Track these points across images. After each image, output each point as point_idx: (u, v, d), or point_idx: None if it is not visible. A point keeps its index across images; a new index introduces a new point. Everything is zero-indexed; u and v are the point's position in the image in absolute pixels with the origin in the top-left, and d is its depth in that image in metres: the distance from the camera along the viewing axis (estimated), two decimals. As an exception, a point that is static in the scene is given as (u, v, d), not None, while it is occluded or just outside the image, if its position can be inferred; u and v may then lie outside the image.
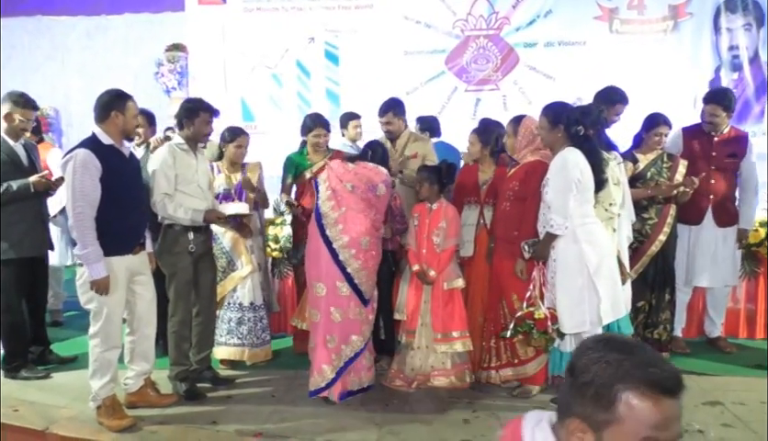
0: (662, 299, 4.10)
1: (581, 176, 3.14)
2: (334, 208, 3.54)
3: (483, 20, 6.46)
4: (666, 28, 6.28)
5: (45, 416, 3.36)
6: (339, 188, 3.56)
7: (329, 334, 3.53)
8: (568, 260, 3.17)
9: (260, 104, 6.56)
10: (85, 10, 6.78)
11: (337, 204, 3.55)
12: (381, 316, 4.11)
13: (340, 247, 3.49)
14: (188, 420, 3.31)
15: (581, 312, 3.17)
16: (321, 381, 3.52)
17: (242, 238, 4.02)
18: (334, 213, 3.53)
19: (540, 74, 6.38)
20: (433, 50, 6.50)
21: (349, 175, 3.58)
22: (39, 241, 4.00)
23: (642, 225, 4.00)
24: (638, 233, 3.99)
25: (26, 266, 3.93)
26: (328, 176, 3.61)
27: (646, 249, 4.00)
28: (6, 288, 3.86)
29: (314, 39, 6.52)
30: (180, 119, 3.61)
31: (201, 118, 3.58)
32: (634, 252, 3.98)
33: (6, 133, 3.88)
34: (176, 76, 6.86)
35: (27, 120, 3.90)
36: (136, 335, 3.40)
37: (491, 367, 3.65)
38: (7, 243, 3.80)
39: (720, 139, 4.17)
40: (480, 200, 3.80)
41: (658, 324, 4.11)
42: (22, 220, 3.83)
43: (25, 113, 3.88)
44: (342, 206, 3.54)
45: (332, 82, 6.59)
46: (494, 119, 4.02)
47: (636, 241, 3.98)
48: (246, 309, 4.06)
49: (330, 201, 3.56)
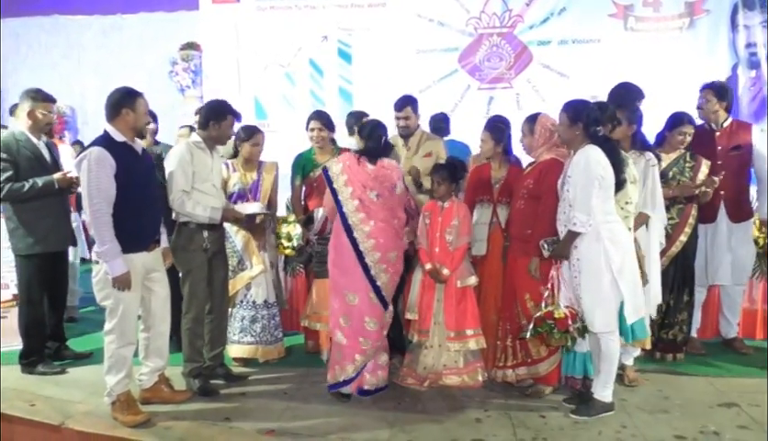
0: (681, 299, 4.06)
1: (603, 173, 3.11)
2: (364, 221, 3.47)
3: (497, 18, 6.43)
4: (682, 25, 6.21)
5: (61, 411, 3.39)
6: (366, 199, 3.47)
7: (362, 337, 3.51)
8: (592, 259, 3.13)
9: (273, 102, 6.57)
10: (101, 9, 6.85)
11: (367, 217, 3.47)
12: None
13: (372, 262, 3.47)
14: (202, 416, 3.33)
15: (609, 311, 3.15)
16: (342, 375, 3.51)
17: (253, 238, 4.03)
18: (366, 227, 3.47)
19: (554, 73, 6.33)
20: (446, 49, 6.48)
21: (371, 181, 3.49)
22: (63, 236, 4.07)
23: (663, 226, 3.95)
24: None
25: (49, 261, 3.99)
26: (349, 180, 3.49)
27: (666, 250, 3.94)
28: (30, 283, 3.93)
29: (327, 37, 6.51)
30: (207, 119, 3.60)
31: (228, 122, 3.62)
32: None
33: (31, 131, 3.93)
34: (190, 75, 6.92)
35: (48, 114, 3.96)
36: (150, 332, 3.43)
37: (507, 365, 3.64)
38: (33, 238, 3.86)
39: (722, 133, 4.14)
40: (492, 199, 3.79)
41: (674, 325, 4.07)
42: (48, 215, 3.91)
43: (45, 107, 3.94)
44: (371, 219, 3.47)
45: (344, 80, 6.58)
46: (502, 117, 3.99)
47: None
48: (260, 307, 4.08)
49: (359, 213, 3.47)
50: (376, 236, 3.46)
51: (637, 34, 6.26)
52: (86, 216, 3.14)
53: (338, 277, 3.55)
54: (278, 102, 6.57)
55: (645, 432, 3.11)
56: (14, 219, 3.88)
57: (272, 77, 6.59)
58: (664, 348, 4.07)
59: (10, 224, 3.92)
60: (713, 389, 3.62)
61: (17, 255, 3.95)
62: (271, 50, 6.54)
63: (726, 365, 4.00)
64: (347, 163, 3.54)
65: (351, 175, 3.50)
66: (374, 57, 6.49)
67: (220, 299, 3.79)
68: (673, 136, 3.97)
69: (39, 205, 3.87)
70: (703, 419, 3.24)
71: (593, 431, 3.13)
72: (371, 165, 3.54)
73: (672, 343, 4.05)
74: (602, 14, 6.28)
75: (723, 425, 3.16)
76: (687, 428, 3.14)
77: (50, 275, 4.03)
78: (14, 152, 3.82)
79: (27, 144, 3.88)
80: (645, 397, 3.51)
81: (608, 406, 3.27)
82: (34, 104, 3.90)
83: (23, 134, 3.91)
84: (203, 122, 3.63)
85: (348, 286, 3.50)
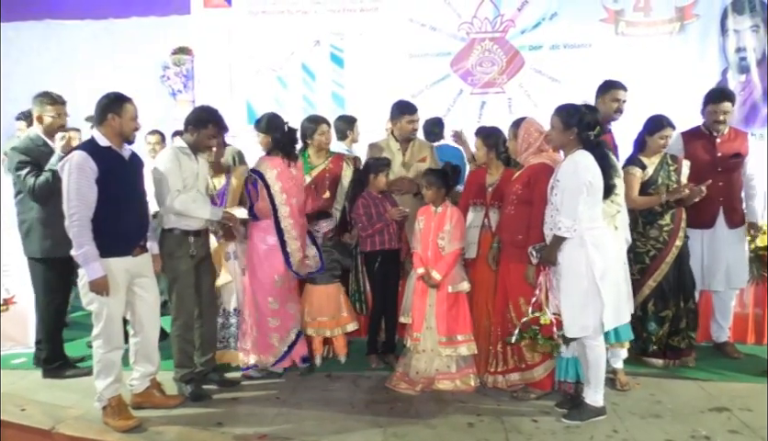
0: (683, 305, 4.03)
1: (592, 180, 3.12)
2: (294, 226, 3.90)
3: (488, 23, 6.44)
4: (672, 30, 6.23)
5: (52, 415, 3.38)
6: (293, 205, 3.90)
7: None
8: (574, 264, 3.15)
9: (265, 106, 6.47)
10: (93, 14, 6.82)
11: (295, 223, 3.90)
12: (385, 316, 4.15)
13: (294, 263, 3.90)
14: (194, 421, 3.32)
15: (584, 317, 3.15)
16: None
17: (220, 247, 3.96)
18: (294, 232, 3.90)
19: (546, 77, 6.35)
20: (438, 53, 6.48)
21: (295, 188, 3.91)
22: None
23: (660, 232, 3.93)
24: (656, 241, 3.94)
25: (66, 265, 3.93)
26: (282, 187, 3.83)
27: (665, 256, 3.92)
28: (50, 287, 3.91)
29: (319, 41, 6.51)
30: (186, 124, 3.61)
31: (209, 131, 3.59)
32: (652, 260, 3.94)
33: (46, 134, 3.92)
34: (182, 79, 6.89)
35: (58, 116, 3.94)
36: (139, 337, 3.41)
37: (498, 371, 3.64)
38: (51, 241, 3.82)
39: (723, 140, 4.14)
40: (485, 202, 3.80)
41: (679, 332, 4.02)
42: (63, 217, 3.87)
43: (55, 109, 3.93)
44: (296, 223, 3.91)
45: (337, 85, 6.58)
46: (492, 126, 3.98)
47: (653, 248, 3.93)
48: (230, 314, 4.05)
49: (290, 219, 3.87)
50: (300, 240, 3.88)
51: (627, 39, 6.28)
52: (66, 219, 3.12)
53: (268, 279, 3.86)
54: (270, 106, 6.50)
55: (636, 436, 3.12)
56: (29, 221, 3.84)
57: (264, 81, 6.58)
58: (671, 355, 4.02)
59: (24, 227, 3.89)
60: (704, 393, 3.63)
61: (32, 259, 3.91)
62: (263, 54, 6.53)
63: (717, 370, 4.00)
64: (279, 170, 3.82)
65: (284, 182, 3.83)
66: (366, 61, 6.49)
67: (209, 305, 3.78)
68: (654, 140, 3.92)
69: (53, 208, 3.79)
70: (694, 423, 3.24)
71: (585, 435, 3.13)
72: (294, 171, 3.91)
73: (677, 349, 4.01)
74: (593, 18, 6.30)
75: (714, 430, 3.16)
76: (678, 432, 3.15)
77: (67, 278, 4.00)
78: (34, 154, 3.80)
79: (44, 147, 3.86)
80: (636, 401, 3.51)
81: (600, 410, 3.28)
82: (41, 107, 3.91)
83: (39, 137, 3.91)
84: (184, 126, 3.63)
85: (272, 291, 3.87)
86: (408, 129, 4.35)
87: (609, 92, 4.04)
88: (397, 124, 4.38)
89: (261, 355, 3.90)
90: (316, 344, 4.15)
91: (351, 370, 4.07)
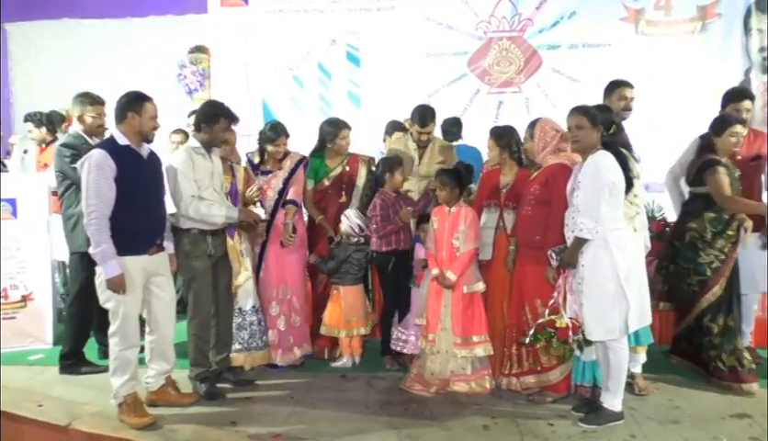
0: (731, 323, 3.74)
1: (615, 180, 3.08)
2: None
3: (506, 22, 6.41)
4: (694, 29, 6.15)
5: (68, 412, 3.40)
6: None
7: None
8: (598, 266, 3.09)
9: (281, 106, 6.56)
10: (110, 13, 6.88)
11: None
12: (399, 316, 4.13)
13: None
14: (208, 420, 3.33)
15: (610, 320, 3.11)
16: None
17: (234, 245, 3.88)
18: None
19: (564, 77, 6.30)
20: (455, 52, 6.46)
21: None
22: None
23: (726, 242, 3.68)
24: (720, 252, 3.69)
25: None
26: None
27: (725, 268, 3.68)
28: (89, 282, 3.88)
29: (336, 40, 6.51)
30: (198, 123, 3.60)
31: (221, 125, 3.58)
32: (714, 272, 3.69)
33: (87, 134, 4.01)
34: (199, 78, 6.93)
35: (98, 115, 4.03)
36: (155, 335, 3.43)
37: (513, 373, 3.61)
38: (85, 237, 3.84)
39: (743, 142, 3.99)
40: (500, 203, 3.77)
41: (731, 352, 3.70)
42: None
43: (95, 109, 4.01)
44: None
45: (353, 84, 6.58)
46: (504, 126, 3.94)
47: (717, 260, 3.69)
48: (247, 313, 4.00)
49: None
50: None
51: (648, 38, 6.21)
52: (84, 217, 3.15)
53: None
54: (287, 105, 6.57)
55: (654, 442, 3.07)
56: (76, 216, 3.84)
57: (280, 80, 6.59)
58: (720, 376, 3.71)
59: (71, 222, 3.93)
60: (725, 398, 3.56)
61: (76, 253, 3.93)
62: (279, 53, 6.54)
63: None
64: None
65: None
66: (382, 60, 6.48)
67: (225, 304, 3.77)
68: (724, 141, 3.64)
69: None
70: (714, 430, 3.18)
71: (602, 440, 3.09)
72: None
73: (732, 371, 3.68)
74: (613, 17, 6.24)
75: (735, 436, 3.11)
76: (698, 439, 3.09)
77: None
78: (82, 151, 3.81)
79: (86, 146, 3.90)
80: (655, 406, 3.47)
81: (617, 415, 3.23)
82: (83, 108, 3.99)
83: (80, 136, 3.99)
84: (196, 125, 3.63)
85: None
86: (416, 137, 4.32)
87: (615, 91, 3.96)
88: (412, 128, 4.37)
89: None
90: (344, 345, 4.15)
91: (365, 371, 4.06)
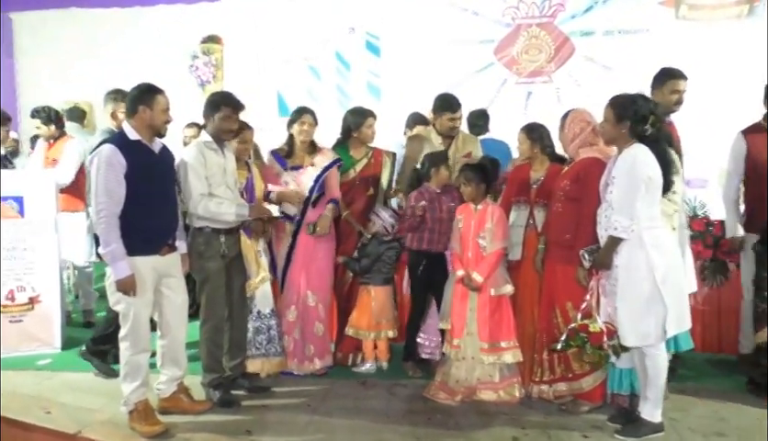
0: None
1: (652, 175, 2.94)
2: None
3: (536, 7, 6.32)
4: (740, 12, 5.98)
5: (77, 419, 3.34)
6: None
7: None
8: (633, 267, 2.96)
9: (297, 97, 6.48)
10: (119, 2, 6.88)
11: None
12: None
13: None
14: (222, 428, 3.25)
15: (646, 324, 2.98)
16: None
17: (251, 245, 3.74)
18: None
19: (598, 65, 6.19)
20: (481, 40, 6.39)
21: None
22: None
23: None
24: None
25: None
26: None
27: None
28: None
29: (354, 29, 6.51)
30: (203, 116, 3.52)
31: (222, 113, 3.45)
32: None
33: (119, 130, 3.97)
34: (211, 69, 6.89)
35: None
36: (166, 339, 3.35)
37: (544, 380, 3.49)
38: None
39: None
40: (530, 200, 3.64)
41: None
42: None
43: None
44: None
45: (373, 74, 6.55)
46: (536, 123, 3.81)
47: None
48: (266, 317, 3.87)
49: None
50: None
51: (689, 23, 6.06)
52: (92, 215, 3.06)
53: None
54: (303, 97, 6.50)
55: (698, 457, 2.94)
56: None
57: (296, 71, 6.61)
58: None
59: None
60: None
61: None
62: (295, 42, 6.54)
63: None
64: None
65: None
66: (404, 49, 6.42)
67: (240, 307, 3.68)
68: None
69: None
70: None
71: (640, 455, 2.98)
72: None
73: None
74: (651, 1, 6.10)
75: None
76: (746, 455, 2.95)
77: None
78: None
79: None
80: (698, 417, 3.31)
81: (657, 426, 3.09)
82: (115, 104, 4.01)
83: (113, 132, 3.91)
84: (204, 119, 3.54)
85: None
86: (447, 126, 4.22)
87: (668, 83, 3.72)
88: (438, 119, 4.28)
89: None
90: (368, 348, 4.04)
91: (386, 378, 3.95)
